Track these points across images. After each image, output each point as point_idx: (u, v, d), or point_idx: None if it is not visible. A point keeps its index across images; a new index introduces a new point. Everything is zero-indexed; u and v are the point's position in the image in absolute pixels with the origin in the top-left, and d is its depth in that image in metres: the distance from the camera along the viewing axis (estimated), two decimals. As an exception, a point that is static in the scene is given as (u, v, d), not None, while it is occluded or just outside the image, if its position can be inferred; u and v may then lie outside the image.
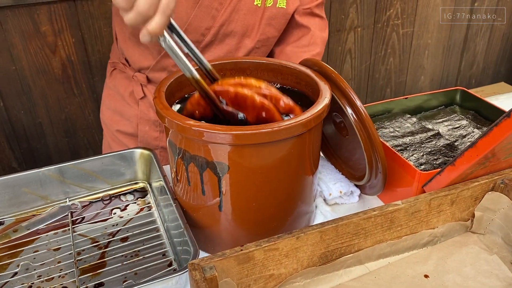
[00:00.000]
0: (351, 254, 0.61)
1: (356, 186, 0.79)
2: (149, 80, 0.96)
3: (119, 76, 1.01)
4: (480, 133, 0.78)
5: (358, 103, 0.64)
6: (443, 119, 0.89)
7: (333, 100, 0.67)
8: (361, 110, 0.64)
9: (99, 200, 0.80)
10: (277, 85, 0.76)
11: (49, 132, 1.67)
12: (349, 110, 0.66)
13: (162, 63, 0.92)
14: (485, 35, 2.43)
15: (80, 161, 0.79)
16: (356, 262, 0.62)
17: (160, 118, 0.61)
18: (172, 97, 0.69)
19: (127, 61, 0.98)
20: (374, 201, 0.80)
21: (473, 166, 0.61)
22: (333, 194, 0.77)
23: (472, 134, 0.84)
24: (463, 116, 0.90)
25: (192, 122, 0.57)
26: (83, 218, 0.76)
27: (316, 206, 0.77)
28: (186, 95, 0.74)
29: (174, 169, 0.67)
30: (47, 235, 0.72)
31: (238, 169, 0.60)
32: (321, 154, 0.79)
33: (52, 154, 1.71)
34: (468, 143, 0.63)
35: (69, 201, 0.78)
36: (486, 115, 0.90)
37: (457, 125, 0.86)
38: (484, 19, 2.34)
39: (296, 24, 0.94)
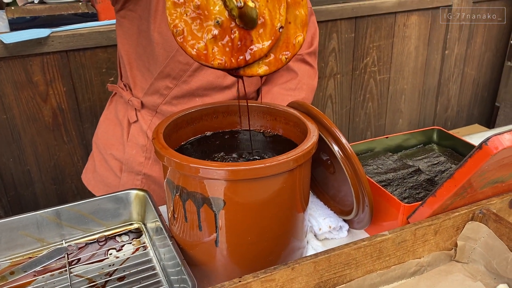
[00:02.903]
0: (344, 285, 0.64)
1: (345, 221, 0.83)
2: (142, 105, 1.00)
3: (118, 101, 1.06)
4: (457, 167, 0.83)
5: (344, 140, 0.69)
6: (423, 156, 0.95)
7: (320, 139, 0.71)
8: (347, 146, 0.69)
9: (95, 242, 0.81)
10: (268, 129, 0.81)
11: (37, 179, 1.67)
12: (336, 148, 0.71)
13: (156, 85, 0.96)
14: (457, 80, 2.57)
15: (76, 203, 0.80)
16: (349, 292, 0.65)
17: (159, 157, 0.65)
18: (169, 138, 0.73)
19: (125, 86, 1.02)
20: (362, 235, 0.83)
21: (453, 197, 0.66)
22: (323, 229, 0.80)
23: (450, 169, 0.89)
24: (441, 153, 0.95)
25: (189, 159, 0.61)
26: (79, 259, 0.77)
27: (307, 242, 0.80)
28: (182, 143, 0.78)
29: (172, 208, 0.70)
30: (43, 277, 0.73)
31: (233, 204, 0.63)
32: (310, 191, 0.83)
33: (40, 201, 1.70)
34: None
35: (65, 243, 0.80)
36: (462, 152, 0.96)
37: (436, 162, 0.92)
38: (455, 64, 2.49)
39: (286, 67, 1.01)
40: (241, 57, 0.62)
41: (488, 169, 0.63)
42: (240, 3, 0.58)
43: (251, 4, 0.59)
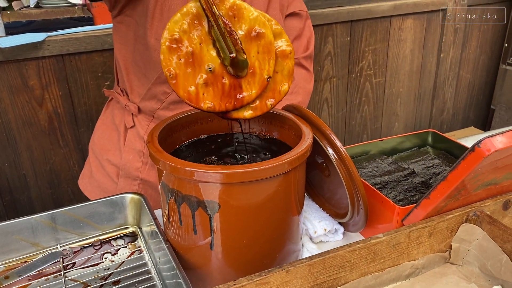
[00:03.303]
0: (339, 287, 0.64)
1: (340, 224, 0.83)
2: (139, 110, 1.00)
3: (115, 106, 1.05)
4: (452, 170, 0.84)
5: (338, 143, 0.69)
6: (417, 159, 0.95)
7: (314, 142, 0.72)
8: (341, 149, 0.69)
9: (90, 246, 0.81)
10: (263, 132, 0.82)
11: (33, 184, 1.67)
12: (330, 151, 0.71)
13: (153, 91, 0.97)
14: (452, 83, 2.58)
15: (71, 207, 0.80)
16: (344, 295, 0.65)
17: (154, 161, 0.65)
18: (164, 142, 0.73)
19: (122, 91, 1.02)
20: (358, 238, 0.83)
21: (446, 199, 0.66)
22: (318, 232, 0.80)
23: (444, 172, 0.89)
24: (435, 156, 0.96)
25: (184, 162, 0.61)
26: (74, 263, 0.77)
27: (303, 245, 0.80)
28: (177, 146, 0.78)
29: (167, 211, 0.70)
30: (38, 281, 0.73)
31: (228, 207, 0.63)
32: (305, 194, 0.83)
33: (35, 205, 1.70)
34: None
35: (60, 247, 0.79)
36: (457, 155, 0.96)
37: (431, 164, 0.92)
38: (450, 68, 2.50)
39: None
40: (230, 103, 0.66)
41: (481, 171, 0.63)
42: (233, 53, 0.62)
43: (243, 55, 0.63)
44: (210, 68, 0.64)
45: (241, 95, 0.66)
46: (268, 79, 0.66)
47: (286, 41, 0.67)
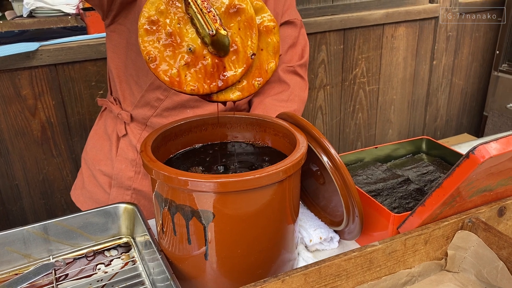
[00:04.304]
0: (335, 296, 0.63)
1: (335, 232, 0.83)
2: (132, 119, 1.00)
3: (107, 116, 1.05)
4: (446, 177, 0.84)
5: (333, 151, 0.69)
6: (412, 166, 0.95)
7: (309, 149, 0.71)
8: (336, 157, 0.69)
9: (83, 257, 0.80)
10: (257, 141, 0.81)
11: (26, 194, 1.65)
12: (325, 158, 0.71)
13: (146, 97, 0.96)
14: (445, 90, 2.60)
15: (64, 217, 0.79)
16: (340, 304, 0.64)
17: (147, 170, 0.65)
18: (157, 151, 0.72)
19: (115, 100, 1.02)
20: (353, 246, 0.83)
21: (442, 206, 0.66)
22: (313, 240, 0.80)
23: (439, 179, 0.89)
24: (430, 163, 0.96)
25: (177, 172, 0.61)
26: (67, 275, 0.76)
27: (298, 253, 0.80)
28: (171, 155, 0.77)
29: (160, 221, 0.69)
30: (30, 294, 0.72)
31: (222, 216, 0.63)
32: (300, 202, 0.83)
33: (28, 216, 1.68)
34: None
35: (53, 258, 0.78)
36: (451, 161, 0.96)
37: (425, 171, 0.92)
38: (443, 75, 2.52)
39: (278, 78, 1.02)
40: (214, 84, 0.64)
41: (476, 178, 0.63)
42: (212, 30, 0.60)
43: (223, 32, 0.61)
44: (190, 48, 0.62)
45: (225, 74, 0.63)
46: (252, 56, 0.63)
47: (268, 16, 0.64)
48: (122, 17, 0.92)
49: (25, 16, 1.79)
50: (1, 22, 1.67)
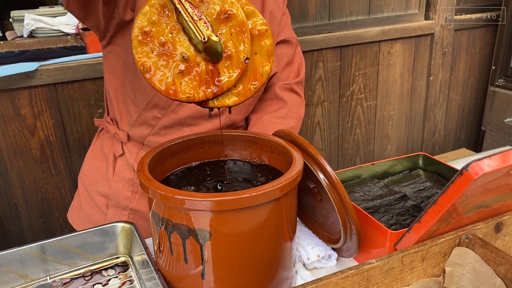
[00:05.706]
0: (332, 315, 0.63)
1: (333, 249, 0.83)
2: (129, 138, 1.00)
3: (104, 136, 1.05)
4: (443, 193, 0.84)
5: (329, 168, 0.70)
6: (409, 182, 0.95)
7: (305, 167, 0.72)
8: (332, 175, 0.69)
9: (80, 277, 0.79)
10: (254, 158, 0.82)
11: (24, 213, 1.65)
12: (321, 176, 0.71)
13: (144, 116, 0.97)
14: (443, 105, 2.61)
15: (61, 237, 0.79)
16: (338, 323, 0.64)
17: (144, 189, 0.65)
18: (154, 170, 0.73)
19: (112, 120, 1.03)
20: (352, 263, 0.82)
21: (438, 222, 0.66)
22: (311, 258, 0.80)
23: (436, 195, 0.90)
24: (426, 179, 0.96)
25: (174, 190, 0.61)
26: (64, 295, 0.75)
27: (296, 272, 0.80)
28: (168, 174, 0.78)
29: (157, 240, 0.69)
30: (26, 315, 0.71)
31: (219, 235, 0.63)
32: (298, 219, 0.83)
33: (26, 235, 1.67)
34: (431, 202, 0.68)
35: (50, 278, 0.78)
36: (448, 177, 0.97)
37: (422, 187, 0.93)
38: (440, 88, 2.54)
39: (276, 96, 1.03)
40: (209, 90, 0.64)
41: (471, 194, 0.64)
42: (204, 37, 0.60)
43: (215, 38, 0.61)
44: (184, 56, 0.62)
45: (219, 80, 0.64)
46: (246, 61, 0.64)
47: (260, 19, 0.65)
48: (119, 38, 0.93)
49: (25, 36, 1.81)
50: (1, 42, 1.69)
